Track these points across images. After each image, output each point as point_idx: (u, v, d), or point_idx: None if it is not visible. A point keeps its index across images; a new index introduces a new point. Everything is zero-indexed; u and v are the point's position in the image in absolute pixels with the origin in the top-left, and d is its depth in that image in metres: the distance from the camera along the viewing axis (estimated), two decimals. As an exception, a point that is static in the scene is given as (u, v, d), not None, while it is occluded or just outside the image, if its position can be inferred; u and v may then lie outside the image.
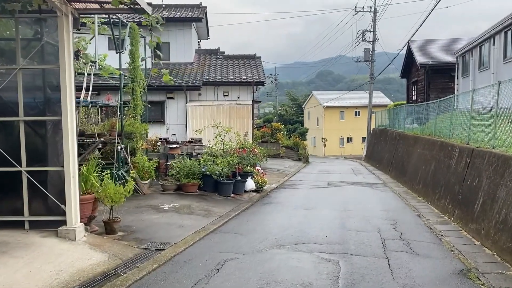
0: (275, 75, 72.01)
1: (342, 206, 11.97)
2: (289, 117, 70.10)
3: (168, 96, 22.25)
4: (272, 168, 24.02)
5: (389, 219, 10.07)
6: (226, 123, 21.52)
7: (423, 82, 26.30)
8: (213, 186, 12.54)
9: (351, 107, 53.52)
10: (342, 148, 53.39)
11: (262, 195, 13.71)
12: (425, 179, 14.06)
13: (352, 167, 27.88)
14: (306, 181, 18.96)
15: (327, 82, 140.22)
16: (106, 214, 8.04)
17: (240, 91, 23.07)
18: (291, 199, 13.28)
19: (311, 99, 59.45)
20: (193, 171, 12.19)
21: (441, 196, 11.50)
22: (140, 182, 11.93)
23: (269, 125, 36.14)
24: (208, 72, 23.42)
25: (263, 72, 24.03)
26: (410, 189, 15.78)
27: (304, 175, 22.01)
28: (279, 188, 15.99)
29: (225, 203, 11.51)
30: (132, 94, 13.53)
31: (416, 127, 20.24)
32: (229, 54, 26.48)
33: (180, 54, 24.49)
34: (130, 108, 13.54)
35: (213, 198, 11.99)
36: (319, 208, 11.66)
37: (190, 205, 10.66)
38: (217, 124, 12.71)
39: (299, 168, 26.48)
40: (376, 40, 38.28)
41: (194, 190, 12.31)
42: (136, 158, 12.35)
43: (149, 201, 10.86)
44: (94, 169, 7.81)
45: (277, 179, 18.95)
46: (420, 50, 27.31)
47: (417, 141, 17.54)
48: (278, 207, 11.73)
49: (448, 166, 11.72)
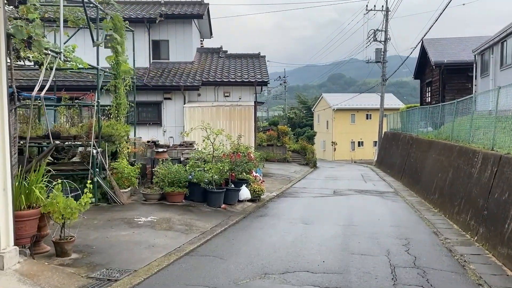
0: (284, 77, 70.60)
1: (347, 219, 10.49)
2: (299, 120, 68.51)
3: (165, 96, 20.95)
4: (276, 173, 22.59)
5: (401, 238, 8.59)
6: (226, 126, 20.20)
7: (438, 83, 24.68)
8: (201, 195, 11.15)
9: (362, 110, 51.81)
10: (353, 152, 51.71)
11: (258, 205, 12.29)
12: (441, 188, 12.54)
13: (362, 173, 26.33)
14: (310, 188, 17.49)
15: (338, 85, 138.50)
16: (59, 232, 6.68)
17: (242, 91, 21.67)
18: (289, 210, 11.83)
19: (321, 101, 57.85)
20: (179, 178, 10.81)
21: (461, 210, 9.97)
22: (119, 190, 10.58)
23: (275, 128, 34.71)
24: (208, 71, 22.09)
25: (267, 71, 22.62)
26: (424, 199, 14.25)
27: (309, 182, 20.54)
28: (279, 197, 14.55)
29: (212, 216, 10.11)
30: (114, 92, 12.22)
31: (430, 130, 18.69)
32: (231, 53, 25.12)
33: (180, 52, 23.20)
34: (112, 108, 12.22)
35: (200, 209, 10.59)
36: (320, 222, 10.20)
37: (170, 218, 9.27)
38: (205, 126, 11.35)
39: (305, 173, 24.99)
40: (388, 40, 36.74)
41: (180, 200, 10.92)
42: (115, 163, 11.01)
43: (125, 213, 9.50)
44: (41, 178, 6.45)
45: (279, 186, 17.51)
46: (434, 49, 25.70)
47: (431, 145, 16.00)
48: (273, 220, 10.28)
49: (469, 175, 10.20)
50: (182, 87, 20.34)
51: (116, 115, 12.18)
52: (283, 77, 70.67)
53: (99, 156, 10.50)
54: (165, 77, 21.21)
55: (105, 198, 10.60)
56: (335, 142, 51.78)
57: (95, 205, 10.30)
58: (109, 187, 10.59)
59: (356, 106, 51.42)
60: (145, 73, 21.55)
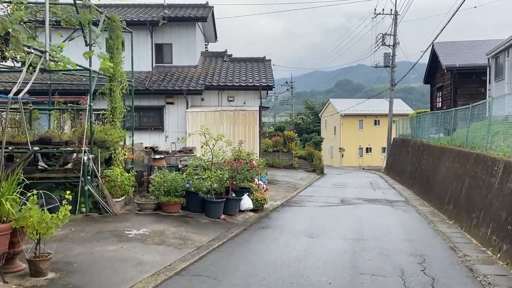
0: (291, 82, 69.92)
1: (355, 232, 9.73)
2: (306, 126, 67.79)
3: (168, 101, 20.35)
4: (281, 180, 21.86)
5: (415, 254, 7.82)
6: (230, 131, 19.54)
7: (449, 87, 23.85)
8: (199, 205, 10.44)
9: (370, 115, 50.96)
10: (361, 158, 50.81)
11: (261, 215, 11.55)
12: (456, 198, 11.75)
13: (370, 180, 25.51)
14: (316, 196, 16.72)
15: (346, 91, 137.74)
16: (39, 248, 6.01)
17: (247, 96, 21.03)
18: (294, 221, 11.08)
19: (328, 107, 57.05)
20: (175, 187, 10.12)
21: (480, 223, 9.19)
22: (111, 200, 9.91)
23: (281, 133, 33.99)
24: (212, 75, 21.46)
25: (272, 75, 21.94)
26: (437, 209, 13.45)
27: (316, 189, 19.77)
28: (283, 206, 13.81)
29: (210, 227, 9.39)
30: (109, 95, 11.58)
31: (442, 137, 17.88)
32: (236, 57, 24.49)
33: (183, 56, 22.61)
34: (107, 112, 11.58)
35: (197, 220, 9.88)
36: (326, 235, 9.45)
37: (164, 231, 8.57)
38: (204, 131, 10.66)
39: (312, 180, 24.23)
40: (397, 44, 35.98)
41: (176, 211, 10.23)
42: (108, 170, 10.35)
43: (116, 225, 8.82)
44: (13, 189, 5.78)
45: (284, 194, 16.77)
46: (445, 52, 24.90)
47: (444, 152, 15.21)
48: (276, 233, 9.54)
49: (488, 185, 9.41)
50: (184, 91, 19.72)
51: (111, 119, 11.53)
52: (290, 83, 70.12)
53: (90, 163, 9.84)
54: (168, 81, 20.62)
55: (97, 208, 9.94)
56: (342, 148, 50.93)
57: (86, 215, 9.66)
58: (101, 196, 9.92)
59: (364, 112, 50.60)
60: (147, 77, 20.99)
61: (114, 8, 24.07)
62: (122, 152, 11.53)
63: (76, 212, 9.73)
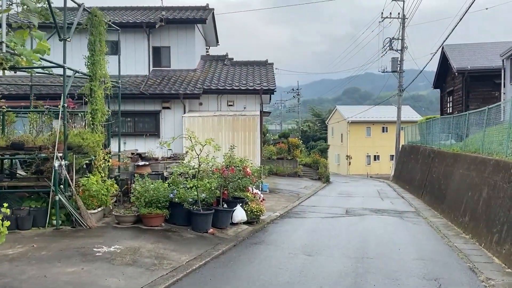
0: (297, 89, 68.91)
1: (359, 249, 8.60)
2: (312, 133, 66.63)
3: (164, 105, 19.37)
4: (284, 189, 20.75)
5: (429, 278, 6.67)
6: (229, 137, 18.51)
7: (461, 91, 22.66)
8: (185, 218, 9.36)
9: (378, 122, 49.68)
10: (368, 166, 49.49)
11: (256, 229, 10.44)
12: (473, 210, 10.57)
13: (378, 189, 24.30)
14: (320, 207, 15.58)
15: (354, 99, 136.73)
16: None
17: (247, 100, 19.99)
18: (291, 236, 9.96)
19: (335, 114, 55.84)
20: (157, 197, 9.05)
21: (504, 239, 8.02)
22: (85, 211, 8.86)
23: (285, 140, 32.88)
24: (211, 79, 20.47)
25: (274, 79, 20.89)
26: (451, 221, 12.27)
27: (320, 199, 18.62)
28: (283, 218, 12.70)
29: (194, 244, 8.30)
30: (90, 96, 10.59)
31: (453, 143, 16.71)
32: (237, 60, 23.51)
33: (182, 59, 21.67)
34: (87, 114, 10.57)
35: (181, 235, 8.80)
36: (327, 252, 8.32)
37: (139, 248, 7.50)
38: (189, 135, 9.62)
39: (317, 189, 23.06)
40: (405, 48, 34.85)
41: (158, 224, 9.15)
42: (83, 178, 9.32)
43: (86, 241, 7.76)
44: None
45: (285, 204, 15.66)
46: (456, 55, 23.74)
47: (457, 159, 14.04)
48: (269, 250, 8.44)
49: (511, 196, 8.26)
50: (181, 95, 18.74)
51: (91, 122, 10.53)
52: (296, 90, 69.11)
53: (63, 170, 8.83)
54: (164, 85, 19.66)
55: (70, 221, 8.90)
56: (349, 156, 49.68)
57: (56, 229, 8.62)
58: (75, 207, 8.89)
59: (372, 119, 49.37)
60: (143, 81, 20.05)
61: (111, 11, 23.24)
62: (103, 158, 10.49)
63: (46, 225, 8.72)
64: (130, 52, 21.03)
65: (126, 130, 19.38)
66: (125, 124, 19.71)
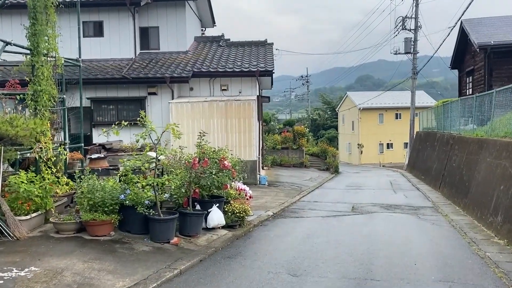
0: (307, 76, 66.59)
1: (363, 265, 6.57)
2: (323, 121, 64.41)
3: (150, 91, 17.45)
4: (285, 182, 18.73)
5: (460, 316, 4.64)
6: (222, 125, 16.55)
7: (483, 70, 20.29)
8: (143, 224, 7.41)
9: (391, 109, 47.18)
10: (381, 155, 47.13)
11: (237, 234, 8.47)
12: (508, 208, 8.46)
13: (390, 180, 22.16)
14: (323, 203, 13.55)
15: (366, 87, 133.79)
16: None
17: (243, 84, 17.97)
18: (279, 244, 7.96)
19: (346, 101, 53.39)
20: (103, 199, 7.11)
21: (557, 251, 5.94)
22: (12, 218, 6.96)
23: (291, 129, 30.78)
24: (203, 61, 18.46)
25: (273, 60, 18.80)
26: (477, 220, 10.18)
27: (324, 193, 16.57)
28: (275, 218, 10.70)
29: (146, 260, 6.35)
30: (32, 74, 8.66)
31: (476, 128, 14.51)
32: (233, 41, 21.43)
33: (172, 41, 19.73)
34: (27, 97, 8.63)
35: (132, 248, 6.84)
36: (319, 271, 6.30)
37: (63, 270, 5.57)
38: (141, 120, 7.67)
39: (323, 181, 20.99)
40: (419, 28, 32.40)
41: (106, 232, 7.21)
42: (12, 176, 7.39)
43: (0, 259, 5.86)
44: None
45: (283, 199, 13.66)
46: (477, 30, 21.34)
47: (483, 146, 11.89)
48: (244, 267, 6.45)
49: None
50: (167, 79, 16.78)
51: (33, 107, 8.60)
52: (306, 77, 66.79)
53: (-18, 167, 6.94)
54: (150, 68, 17.72)
55: (-5, 230, 7.03)
56: (361, 144, 47.36)
57: (-28, 241, 6.75)
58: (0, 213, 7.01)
59: (384, 105, 46.93)
60: (128, 64, 18.12)
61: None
62: (49, 150, 8.57)
63: (-39, 236, 6.86)
64: (114, 33, 19.11)
65: (109, 119, 17.48)
66: (107, 112, 17.85)
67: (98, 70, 17.66)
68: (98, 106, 17.63)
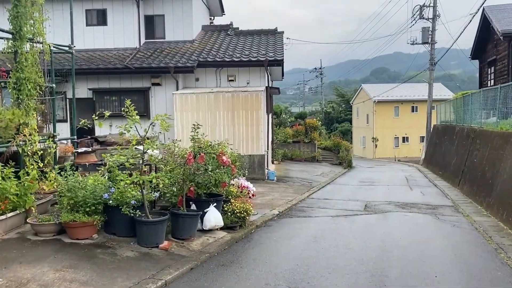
0: (320, 68, 65.37)
1: (375, 276, 5.72)
2: (337, 114, 63.27)
3: (153, 81, 16.70)
4: (295, 177, 17.89)
5: None
6: (228, 117, 15.79)
7: (506, 60, 19.13)
8: (129, 226, 6.64)
9: (407, 101, 45.82)
10: (397, 149, 45.90)
11: (236, 237, 7.67)
12: (540, 210, 7.53)
13: (406, 175, 21.16)
14: (333, 200, 12.70)
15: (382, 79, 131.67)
16: None
17: (251, 74, 17.12)
18: (282, 249, 7.14)
19: (360, 93, 52.11)
20: (84, 198, 6.36)
21: None
22: (-17, 219, 6.27)
23: (303, 122, 29.86)
24: (209, 50, 17.63)
25: (282, 49, 17.90)
26: (503, 222, 9.23)
27: (336, 189, 15.70)
28: (281, 217, 9.89)
29: (128, 268, 5.59)
30: (14, 61, 7.94)
31: (498, 121, 13.47)
32: (242, 30, 20.57)
33: (178, 30, 18.96)
34: (8, 85, 7.91)
35: (115, 254, 6.09)
36: (325, 282, 5.47)
37: (28, 281, 4.84)
38: (124, 109, 6.90)
39: (335, 176, 20.09)
40: (437, 17, 31.11)
41: (88, 235, 6.47)
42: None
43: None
44: None
45: (292, 196, 12.84)
46: (500, 17, 20.14)
47: (509, 140, 10.91)
48: (238, 278, 5.64)
49: None
50: (171, 69, 16.00)
51: (16, 97, 7.88)
52: (319, 69, 65.58)
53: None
54: (154, 58, 16.96)
55: (-35, 232, 6.35)
56: (376, 138, 46.18)
57: None
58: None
59: (400, 98, 45.58)
60: (131, 54, 17.40)
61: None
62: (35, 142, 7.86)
63: None
64: (118, 22, 18.40)
65: (112, 110, 16.75)
66: (110, 103, 17.17)
67: (100, 60, 16.99)
68: (100, 97, 16.97)
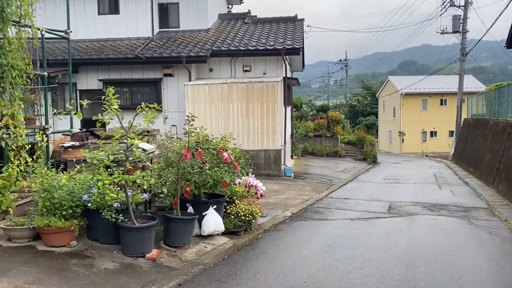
0: (345, 60, 63.66)
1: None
2: (362, 107, 61.54)
3: (165, 72, 15.93)
4: (314, 173, 16.86)
5: None
6: (243, 110, 14.89)
7: (546, 47, 17.61)
8: (114, 231, 5.80)
9: (435, 94, 43.95)
10: (424, 144, 44.15)
11: (239, 244, 6.75)
12: None
13: (434, 172, 19.85)
14: (354, 200, 11.63)
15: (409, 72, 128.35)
16: None
17: (267, 64, 16.14)
18: (290, 260, 6.18)
19: (387, 85, 50.36)
20: (60, 200, 5.54)
21: None
22: None
23: (324, 115, 28.67)
24: (224, 39, 16.70)
25: (302, 37, 16.83)
26: (548, 229, 8.05)
27: (358, 187, 14.61)
28: (293, 220, 8.92)
29: (104, 284, 4.71)
30: (-5, 46, 7.17)
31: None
32: (260, 18, 19.56)
33: (193, 18, 18.06)
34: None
35: (93, 265, 5.24)
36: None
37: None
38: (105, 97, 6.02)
39: (358, 172, 18.95)
40: (469, 4, 29.40)
41: (66, 242, 5.64)
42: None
43: None
44: None
45: (309, 195, 11.85)
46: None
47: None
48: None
49: None
50: (183, 58, 15.14)
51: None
52: (344, 60, 63.91)
53: None
54: (167, 47, 16.13)
55: None
56: (403, 132, 44.51)
57: None
58: None
59: (428, 90, 43.73)
60: (144, 44, 16.62)
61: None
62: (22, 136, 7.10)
63: None
64: (130, 10, 17.62)
65: (123, 102, 16.00)
66: (121, 95, 16.40)
67: (111, 49, 16.26)
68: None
